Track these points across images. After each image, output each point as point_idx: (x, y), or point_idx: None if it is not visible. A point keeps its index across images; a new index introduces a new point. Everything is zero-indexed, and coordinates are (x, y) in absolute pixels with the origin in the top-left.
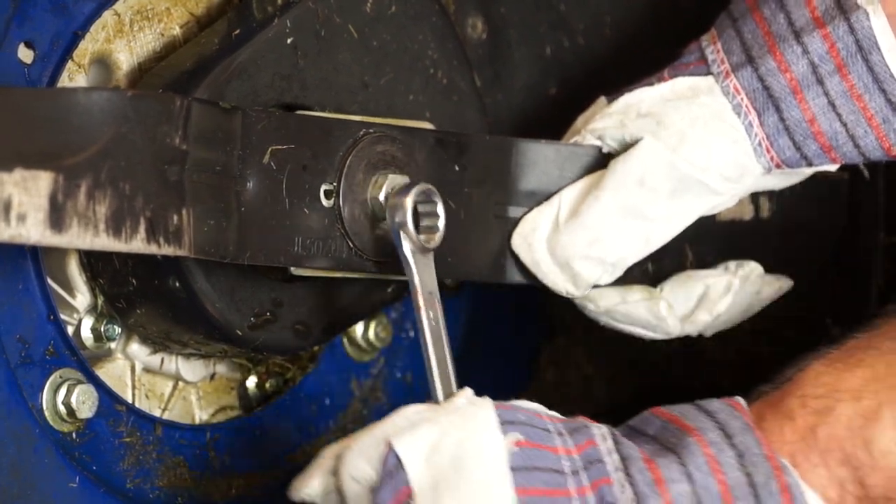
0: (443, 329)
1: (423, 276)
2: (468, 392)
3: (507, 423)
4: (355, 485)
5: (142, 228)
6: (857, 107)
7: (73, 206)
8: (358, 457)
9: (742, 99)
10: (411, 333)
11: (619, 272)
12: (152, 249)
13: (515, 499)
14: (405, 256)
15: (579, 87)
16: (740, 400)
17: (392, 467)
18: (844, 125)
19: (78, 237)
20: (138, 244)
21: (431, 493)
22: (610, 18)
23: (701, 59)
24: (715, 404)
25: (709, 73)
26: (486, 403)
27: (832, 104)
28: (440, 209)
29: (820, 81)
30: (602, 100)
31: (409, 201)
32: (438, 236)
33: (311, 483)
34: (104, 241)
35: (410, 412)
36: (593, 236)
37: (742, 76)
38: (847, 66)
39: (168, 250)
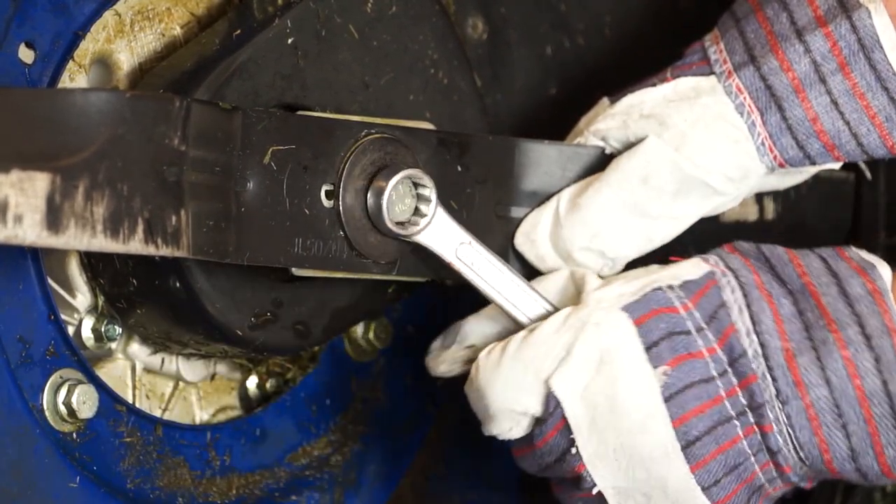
0: (494, 262)
1: (441, 241)
2: (593, 298)
3: (652, 347)
4: (513, 414)
5: (140, 229)
6: (859, 105)
7: (71, 207)
8: (514, 389)
9: (745, 98)
10: (412, 333)
11: (619, 267)
12: (150, 250)
13: (672, 433)
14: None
15: (579, 87)
16: (885, 283)
17: (554, 406)
18: (847, 124)
19: (75, 238)
20: (136, 245)
21: (588, 427)
22: (610, 19)
23: (703, 59)
24: (857, 289)
25: (711, 73)
26: (623, 320)
27: (834, 103)
28: (431, 194)
29: (822, 80)
30: (605, 100)
31: (389, 185)
32: (423, 221)
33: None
34: (102, 242)
35: (550, 333)
36: (594, 230)
37: (744, 76)
38: (849, 64)
39: (166, 251)
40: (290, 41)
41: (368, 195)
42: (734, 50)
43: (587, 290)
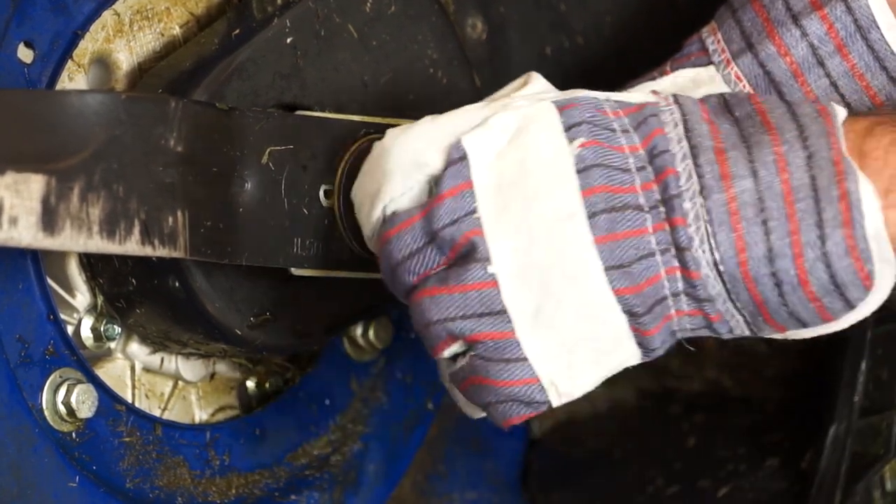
0: None
1: None
2: (530, 86)
3: (572, 127)
4: (414, 168)
5: (136, 230)
6: (859, 86)
7: (66, 209)
8: (423, 140)
9: (744, 86)
10: (411, 334)
11: None
12: (147, 251)
13: (580, 200)
14: None
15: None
16: (836, 110)
17: (457, 158)
18: (848, 105)
19: (71, 239)
20: (133, 246)
21: (494, 192)
22: (609, 18)
23: (702, 49)
24: (806, 108)
25: (710, 63)
26: (547, 104)
27: (834, 85)
28: None
29: (821, 63)
30: None
31: None
32: None
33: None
34: (98, 244)
35: (473, 109)
36: None
37: (743, 63)
38: (847, 46)
39: (163, 252)
40: (289, 41)
41: None
42: (731, 39)
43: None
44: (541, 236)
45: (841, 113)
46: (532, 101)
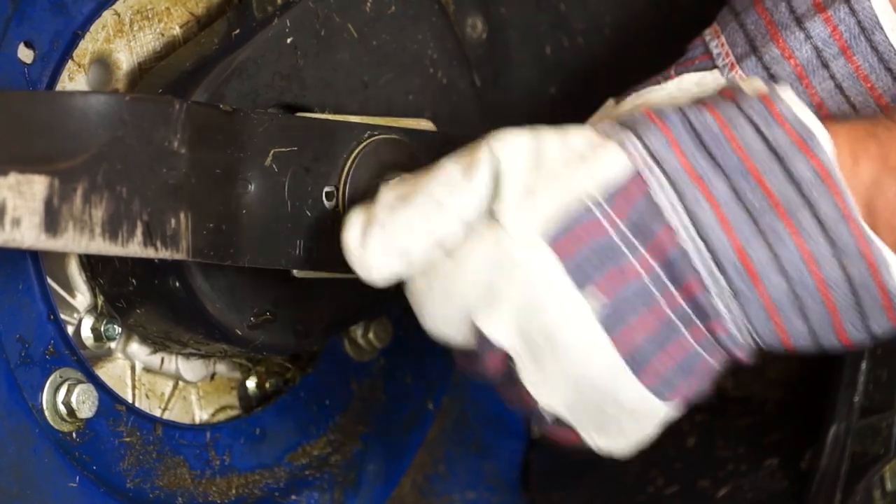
0: None
1: None
2: (513, 224)
3: (579, 272)
4: (444, 339)
5: (139, 232)
6: (864, 88)
7: (69, 210)
8: (441, 320)
9: None
10: (411, 334)
11: None
12: (149, 253)
13: (617, 354)
14: None
15: (579, 87)
16: (826, 156)
17: (482, 341)
18: (853, 107)
19: (73, 241)
20: (135, 248)
21: (530, 357)
22: (610, 18)
23: (705, 53)
24: (801, 168)
25: (714, 66)
26: (541, 250)
27: (839, 87)
28: None
29: (825, 65)
30: (610, 102)
31: None
32: None
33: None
34: (100, 245)
35: (472, 268)
36: None
37: (747, 66)
38: (851, 47)
39: (165, 254)
40: (289, 41)
41: (371, 196)
42: (735, 42)
43: (505, 206)
44: (589, 391)
45: (827, 147)
46: (529, 245)
